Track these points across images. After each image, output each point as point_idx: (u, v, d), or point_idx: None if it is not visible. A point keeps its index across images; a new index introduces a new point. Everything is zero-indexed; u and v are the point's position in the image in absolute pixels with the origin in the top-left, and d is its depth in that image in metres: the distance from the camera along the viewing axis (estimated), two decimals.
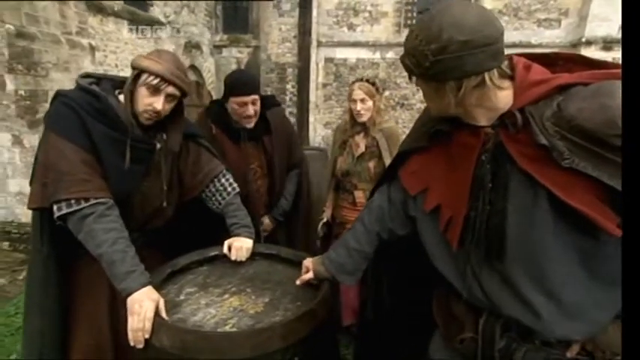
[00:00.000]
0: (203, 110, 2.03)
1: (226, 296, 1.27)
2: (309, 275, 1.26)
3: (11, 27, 4.02)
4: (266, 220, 2.10)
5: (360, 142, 2.19)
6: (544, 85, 0.77)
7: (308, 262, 1.30)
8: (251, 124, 1.88)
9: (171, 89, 1.26)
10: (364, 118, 2.12)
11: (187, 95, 1.36)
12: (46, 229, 1.29)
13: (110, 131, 1.25)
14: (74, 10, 4.58)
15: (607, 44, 7.62)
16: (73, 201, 1.18)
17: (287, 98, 8.70)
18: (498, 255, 0.83)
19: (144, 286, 1.13)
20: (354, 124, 2.19)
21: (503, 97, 0.81)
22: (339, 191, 2.34)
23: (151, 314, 1.07)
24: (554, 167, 0.72)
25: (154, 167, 1.40)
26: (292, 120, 8.67)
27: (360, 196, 2.21)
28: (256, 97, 1.83)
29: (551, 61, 0.85)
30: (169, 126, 1.41)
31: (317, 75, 8.73)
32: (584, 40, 7.62)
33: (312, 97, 8.41)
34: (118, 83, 1.35)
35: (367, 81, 2.13)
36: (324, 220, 2.39)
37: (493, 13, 0.81)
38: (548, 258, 0.77)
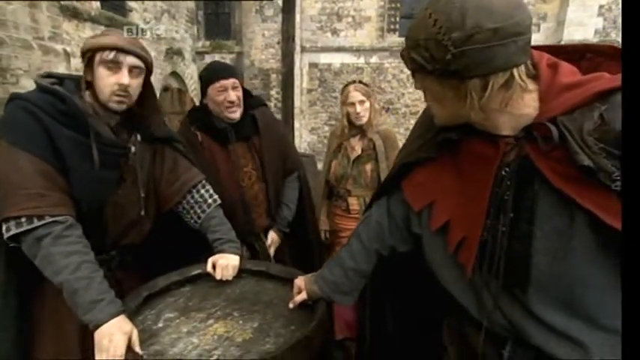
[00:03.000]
0: (185, 117, 1.87)
1: (210, 322, 1.14)
2: (302, 296, 1.15)
3: None
4: (272, 235, 1.90)
5: (356, 145, 2.13)
6: (579, 90, 0.65)
7: (300, 281, 1.18)
8: (235, 115, 1.69)
9: (131, 59, 1.14)
10: (364, 120, 2.05)
11: (152, 71, 1.25)
12: (2, 250, 1.11)
13: (77, 135, 1.10)
14: (47, 14, 4.38)
15: None
16: (23, 219, 1.02)
17: (272, 104, 8.58)
18: (521, 284, 0.72)
19: (113, 316, 0.99)
20: (350, 128, 2.12)
21: (529, 101, 0.70)
22: (331, 199, 2.25)
23: (122, 350, 0.93)
24: (596, 187, 0.62)
25: (128, 173, 1.26)
26: None
27: (353, 203, 2.12)
28: (236, 80, 1.68)
29: (577, 55, 0.74)
30: (143, 113, 1.29)
31: (301, 80, 8.65)
32: (562, 43, 7.76)
33: (297, 103, 8.30)
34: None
35: (361, 82, 2.08)
36: (323, 232, 2.31)
37: None
38: (586, 285, 0.67)
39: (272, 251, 1.89)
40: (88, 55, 1.13)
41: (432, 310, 1.02)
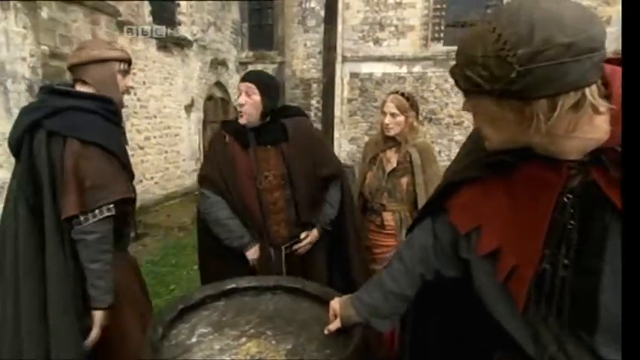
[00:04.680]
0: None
1: (243, 340, 1.11)
2: (337, 324, 1.09)
3: (46, 48, 4.12)
4: (313, 232, 1.86)
5: (392, 157, 2.05)
6: None
7: (336, 303, 1.13)
8: (242, 119, 1.77)
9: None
10: (392, 132, 2.00)
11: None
12: (66, 242, 1.35)
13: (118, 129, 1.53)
14: (105, 30, 4.69)
15: None
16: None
17: (312, 114, 8.63)
18: (588, 326, 0.64)
19: None
20: (386, 139, 2.07)
21: (600, 123, 0.62)
22: (366, 212, 2.16)
23: None
24: None
25: None
26: None
27: (388, 218, 2.04)
28: (251, 85, 1.74)
29: None
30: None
31: (342, 90, 8.64)
32: None
33: (337, 113, 8.28)
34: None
35: (402, 95, 2.01)
36: None
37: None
38: None
39: (306, 246, 1.86)
40: (105, 63, 1.49)
41: (480, 341, 0.92)
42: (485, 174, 0.81)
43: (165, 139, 6.89)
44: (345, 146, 8.90)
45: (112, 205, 1.39)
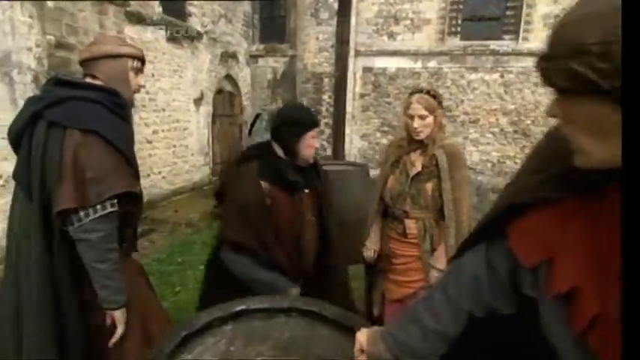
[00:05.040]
0: (242, 165, 1.66)
1: None
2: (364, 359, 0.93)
3: (52, 38, 4.00)
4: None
5: (417, 161, 1.89)
6: None
7: (362, 335, 0.96)
8: (307, 161, 1.68)
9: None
10: (422, 136, 1.83)
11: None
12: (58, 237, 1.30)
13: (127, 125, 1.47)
14: (113, 20, 4.55)
15: None
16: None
17: (323, 109, 8.45)
18: None
19: None
20: (410, 141, 1.90)
21: None
22: (387, 218, 2.00)
23: None
24: None
25: None
26: (328, 131, 8.40)
27: (411, 226, 1.88)
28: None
29: None
30: None
31: (354, 85, 8.43)
32: None
33: (349, 108, 8.09)
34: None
35: (428, 93, 1.81)
36: (371, 251, 2.06)
37: None
38: None
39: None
40: (118, 59, 1.45)
41: None
42: (562, 195, 0.65)
43: (173, 133, 6.77)
44: (356, 142, 8.70)
45: (115, 200, 1.31)
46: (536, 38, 7.18)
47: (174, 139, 6.82)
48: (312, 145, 1.64)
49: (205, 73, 7.53)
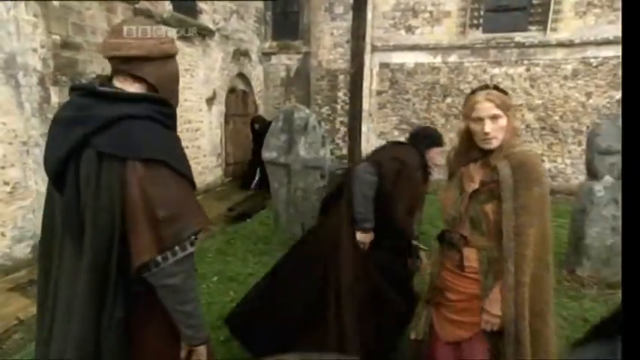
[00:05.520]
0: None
1: None
2: None
3: (57, 37, 3.82)
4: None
5: (476, 174, 1.52)
6: None
7: None
8: None
9: None
10: (495, 144, 1.45)
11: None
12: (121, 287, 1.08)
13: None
14: (121, 17, 4.35)
15: None
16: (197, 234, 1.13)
17: (338, 107, 8.17)
18: None
19: None
20: (469, 148, 1.53)
21: None
22: (442, 244, 1.65)
23: None
24: None
25: None
26: (343, 130, 8.12)
27: (470, 257, 1.52)
28: None
29: None
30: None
31: (371, 82, 8.12)
32: None
33: (366, 106, 7.80)
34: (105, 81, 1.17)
35: (496, 88, 1.46)
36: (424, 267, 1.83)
37: None
38: None
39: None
40: (164, 60, 1.18)
41: None
42: None
43: (185, 134, 6.58)
44: (373, 141, 8.39)
45: (194, 238, 1.12)
46: (567, 28, 6.76)
47: (186, 140, 6.62)
48: (439, 159, 2.25)
49: (217, 72, 7.32)
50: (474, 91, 1.50)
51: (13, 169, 3.97)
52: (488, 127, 1.42)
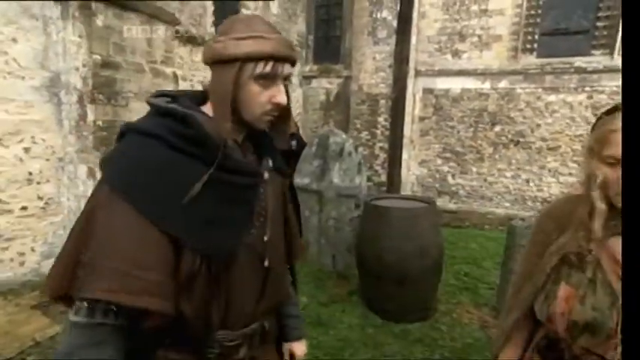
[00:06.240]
0: None
1: None
2: None
3: (98, 57, 3.86)
4: None
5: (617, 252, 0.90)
6: None
7: None
8: None
9: (287, 69, 0.87)
10: None
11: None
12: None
13: (206, 167, 0.80)
14: (162, 38, 4.38)
15: None
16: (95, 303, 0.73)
17: (378, 132, 7.86)
18: None
19: None
20: (610, 214, 0.89)
21: None
22: (547, 353, 1.02)
23: None
24: None
25: (259, 212, 0.94)
26: (383, 156, 7.77)
27: None
28: None
29: None
30: (279, 128, 0.99)
31: (413, 107, 7.78)
32: None
33: (407, 132, 7.43)
34: (200, 98, 0.92)
35: None
36: None
37: None
38: None
39: None
40: (237, 66, 0.82)
41: None
42: None
43: None
44: (414, 169, 7.96)
45: (90, 306, 0.74)
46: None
47: None
48: None
49: None
50: (609, 111, 0.92)
51: (47, 184, 3.99)
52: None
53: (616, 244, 0.89)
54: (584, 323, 0.92)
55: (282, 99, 0.85)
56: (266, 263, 0.93)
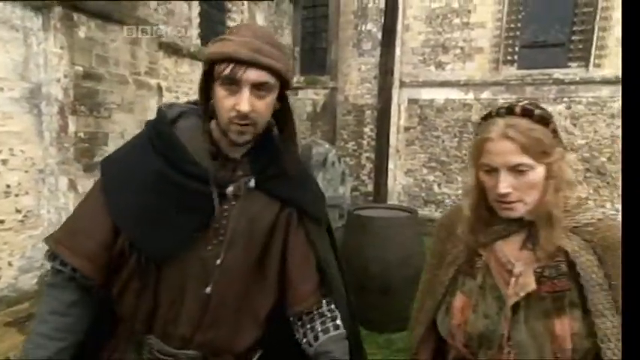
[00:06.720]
0: None
1: None
2: None
3: (80, 69, 3.84)
4: None
5: (522, 262, 0.87)
6: None
7: None
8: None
9: (254, 74, 0.81)
10: (517, 212, 0.85)
11: (290, 84, 0.91)
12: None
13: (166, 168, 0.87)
14: (145, 50, 4.38)
15: None
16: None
17: (364, 142, 7.93)
18: None
19: None
20: (492, 215, 0.90)
21: None
22: None
23: None
24: None
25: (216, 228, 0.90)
26: (369, 166, 7.82)
27: None
28: None
29: None
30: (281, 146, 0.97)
31: (399, 117, 7.87)
32: None
33: (393, 142, 7.51)
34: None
35: (527, 113, 0.85)
36: None
37: None
38: None
39: None
40: (206, 69, 0.86)
41: None
42: None
43: None
44: (400, 179, 8.02)
45: (52, 257, 0.91)
46: (612, 64, 6.30)
47: None
48: None
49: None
50: (487, 116, 0.91)
51: (26, 197, 3.91)
52: (505, 181, 0.82)
53: (502, 247, 0.89)
54: (478, 334, 0.87)
55: (242, 106, 0.80)
56: (207, 289, 0.85)
